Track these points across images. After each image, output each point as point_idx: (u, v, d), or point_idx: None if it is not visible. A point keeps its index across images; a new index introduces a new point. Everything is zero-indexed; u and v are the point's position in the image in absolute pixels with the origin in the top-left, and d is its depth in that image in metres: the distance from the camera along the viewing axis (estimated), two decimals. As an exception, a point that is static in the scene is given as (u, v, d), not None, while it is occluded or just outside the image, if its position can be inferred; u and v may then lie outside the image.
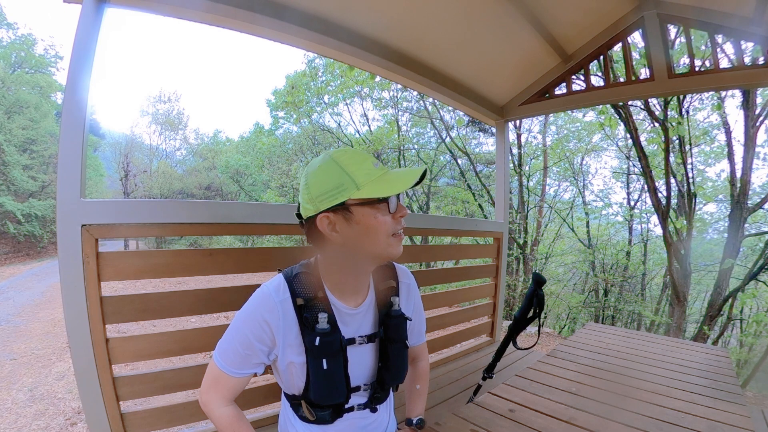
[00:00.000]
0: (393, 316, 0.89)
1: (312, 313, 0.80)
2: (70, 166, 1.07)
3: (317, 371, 0.79)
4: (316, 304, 0.81)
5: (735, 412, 1.31)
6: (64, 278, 1.08)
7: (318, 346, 0.78)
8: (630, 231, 9.26)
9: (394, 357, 0.88)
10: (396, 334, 0.88)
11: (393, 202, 0.77)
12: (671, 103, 5.13)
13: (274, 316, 0.78)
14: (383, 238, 0.77)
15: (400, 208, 0.78)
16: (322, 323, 0.79)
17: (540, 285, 1.54)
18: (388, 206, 0.76)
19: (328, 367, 0.79)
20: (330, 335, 0.79)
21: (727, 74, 2.01)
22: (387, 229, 0.77)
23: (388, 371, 0.88)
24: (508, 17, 1.97)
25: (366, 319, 0.88)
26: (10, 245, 15.07)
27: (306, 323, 0.79)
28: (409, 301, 0.97)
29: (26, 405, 3.29)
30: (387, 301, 0.91)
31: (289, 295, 0.80)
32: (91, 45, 1.13)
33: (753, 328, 5.42)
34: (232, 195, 21.11)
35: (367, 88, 10.16)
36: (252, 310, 0.80)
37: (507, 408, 1.31)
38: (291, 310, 0.79)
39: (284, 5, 1.53)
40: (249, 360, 0.80)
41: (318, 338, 0.78)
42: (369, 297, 0.89)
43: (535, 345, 1.83)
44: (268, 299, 0.79)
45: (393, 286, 0.94)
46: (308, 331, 0.79)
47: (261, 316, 0.78)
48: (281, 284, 0.81)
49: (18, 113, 16.53)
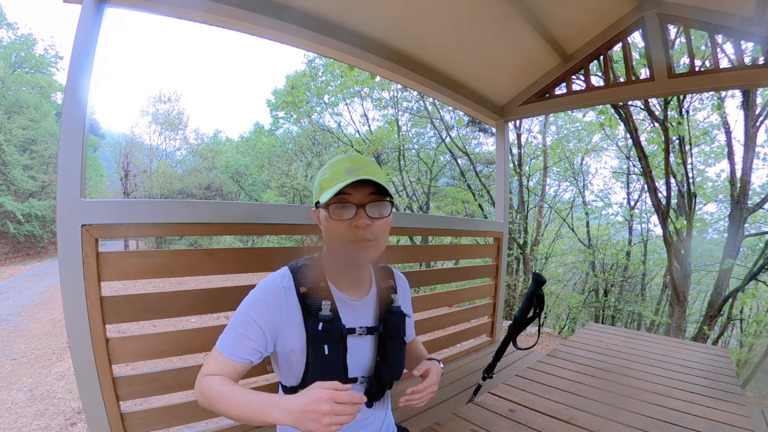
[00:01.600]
0: (393, 312, 0.92)
1: (315, 300, 0.82)
2: (70, 166, 1.07)
3: (318, 357, 0.81)
4: (318, 293, 0.83)
5: (735, 412, 1.32)
6: (64, 278, 1.08)
7: (320, 331, 0.80)
8: (630, 231, 9.25)
9: (392, 352, 0.90)
10: (395, 330, 0.91)
11: (347, 211, 0.78)
12: (671, 103, 5.13)
13: (277, 300, 0.81)
14: (340, 243, 0.80)
15: (356, 218, 0.78)
16: (325, 310, 0.82)
17: (540, 285, 1.54)
18: (333, 212, 0.78)
19: (329, 352, 0.81)
20: (332, 322, 0.82)
21: (727, 74, 2.01)
22: (341, 236, 0.79)
23: (385, 365, 0.90)
24: (508, 17, 1.97)
25: (367, 311, 0.91)
26: (10, 245, 15.07)
27: (309, 310, 0.82)
28: (404, 303, 1.00)
29: (26, 405, 3.29)
30: (388, 298, 0.94)
31: (293, 284, 0.84)
32: (91, 45, 1.13)
33: (753, 328, 5.42)
34: (232, 195, 21.10)
35: (367, 88, 10.15)
36: (255, 294, 0.83)
37: (507, 408, 1.31)
38: (294, 297, 0.82)
39: (284, 5, 1.53)
40: (244, 342, 0.80)
41: (321, 324, 0.80)
42: (371, 291, 0.92)
43: (535, 345, 1.84)
44: (273, 285, 0.83)
45: (392, 285, 0.98)
46: (311, 318, 0.81)
47: (264, 298, 0.81)
48: (286, 273, 0.85)
49: (18, 113, 16.53)
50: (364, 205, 0.78)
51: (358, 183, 0.77)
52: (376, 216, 0.80)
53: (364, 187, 0.79)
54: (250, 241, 14.23)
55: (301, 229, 1.54)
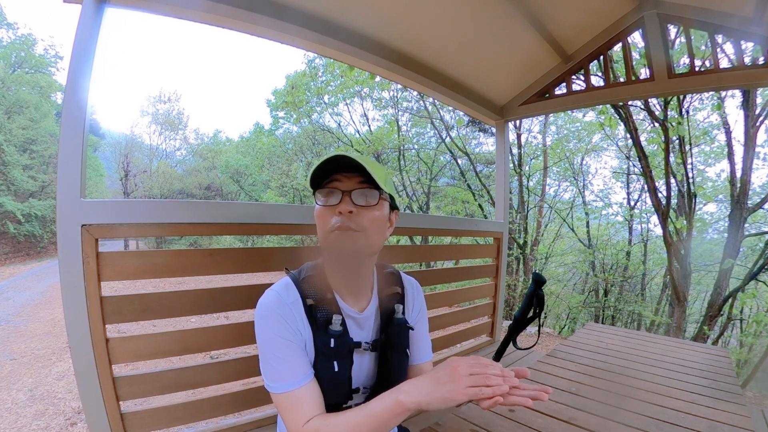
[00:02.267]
0: (395, 323, 0.87)
1: (324, 314, 0.78)
2: (70, 166, 1.07)
3: (327, 373, 0.77)
4: (326, 305, 0.79)
5: (735, 412, 1.32)
6: (64, 278, 1.08)
7: (332, 348, 0.77)
8: (630, 231, 9.26)
9: (394, 363, 0.87)
10: (397, 341, 0.87)
11: (332, 197, 0.75)
12: (671, 103, 5.13)
13: (288, 314, 0.76)
14: (324, 232, 0.76)
15: (341, 205, 0.74)
16: (336, 325, 0.78)
17: (540, 285, 1.54)
18: (318, 198, 0.76)
19: (339, 369, 0.77)
20: (342, 337, 0.78)
21: (727, 74, 2.01)
22: (325, 222, 0.76)
23: (387, 377, 0.87)
24: (508, 17, 1.97)
25: (370, 324, 0.87)
26: (10, 245, 15.07)
27: (317, 324, 0.77)
28: (414, 310, 0.95)
29: (26, 405, 3.29)
30: (391, 307, 0.89)
31: (299, 297, 0.79)
32: (91, 45, 1.13)
33: (753, 328, 5.42)
34: (232, 195, 21.11)
35: (367, 88, 10.16)
36: (265, 316, 0.76)
37: (507, 408, 1.31)
38: (302, 311, 0.78)
39: (284, 5, 1.53)
40: (297, 361, 0.74)
41: (332, 340, 0.77)
42: (372, 302, 0.87)
43: (535, 345, 1.84)
44: (280, 302, 0.77)
45: (398, 293, 0.92)
46: (320, 332, 0.77)
47: (276, 315, 0.75)
48: (290, 286, 0.80)
49: (18, 113, 16.54)
50: (350, 192, 0.75)
51: (349, 172, 0.75)
52: (362, 204, 0.76)
53: (355, 176, 0.76)
54: (250, 241, 14.24)
55: (301, 229, 1.54)
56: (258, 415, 1.51)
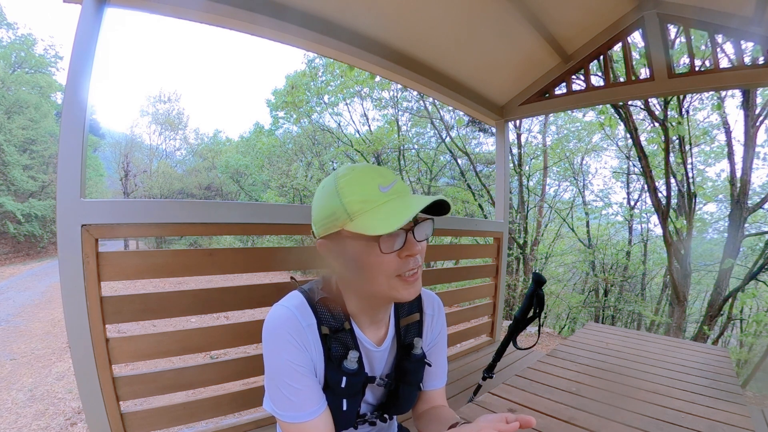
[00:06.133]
0: (413, 359, 0.78)
1: (339, 347, 0.70)
2: (70, 166, 1.07)
3: (334, 410, 0.71)
4: (342, 337, 0.71)
5: (735, 412, 1.31)
6: (64, 278, 1.08)
7: (343, 388, 0.70)
8: (630, 231, 9.25)
9: (403, 396, 0.81)
10: (412, 377, 0.80)
11: (398, 239, 0.62)
12: (671, 103, 5.13)
13: (303, 339, 0.67)
14: (383, 280, 0.64)
15: (408, 246, 0.63)
16: (351, 363, 0.70)
17: (540, 285, 1.54)
18: (383, 244, 0.61)
19: (348, 407, 0.71)
20: (356, 376, 0.71)
21: (727, 74, 2.01)
22: (387, 269, 0.63)
23: (394, 405, 0.82)
24: (508, 17, 1.97)
25: (385, 357, 0.79)
26: (10, 245, 15.07)
27: (331, 357, 0.69)
28: (432, 333, 0.86)
29: (26, 405, 3.29)
30: (409, 340, 0.80)
31: (315, 321, 0.69)
32: (91, 45, 1.13)
33: (753, 328, 5.42)
34: (232, 195, 21.10)
35: (367, 88, 10.17)
36: (278, 338, 0.67)
37: (507, 408, 1.31)
38: (317, 336, 0.69)
39: (284, 5, 1.53)
40: (310, 391, 0.67)
41: (345, 379, 0.69)
42: (390, 333, 0.79)
43: (535, 345, 1.84)
44: (294, 322, 0.67)
45: (417, 320, 0.82)
46: (332, 366, 0.69)
47: (291, 339, 0.66)
48: (304, 306, 0.70)
49: (18, 113, 16.54)
50: (411, 229, 0.64)
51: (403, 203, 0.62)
52: (422, 238, 0.66)
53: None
54: (250, 241, 14.23)
55: (301, 229, 1.54)
56: (258, 415, 1.51)
